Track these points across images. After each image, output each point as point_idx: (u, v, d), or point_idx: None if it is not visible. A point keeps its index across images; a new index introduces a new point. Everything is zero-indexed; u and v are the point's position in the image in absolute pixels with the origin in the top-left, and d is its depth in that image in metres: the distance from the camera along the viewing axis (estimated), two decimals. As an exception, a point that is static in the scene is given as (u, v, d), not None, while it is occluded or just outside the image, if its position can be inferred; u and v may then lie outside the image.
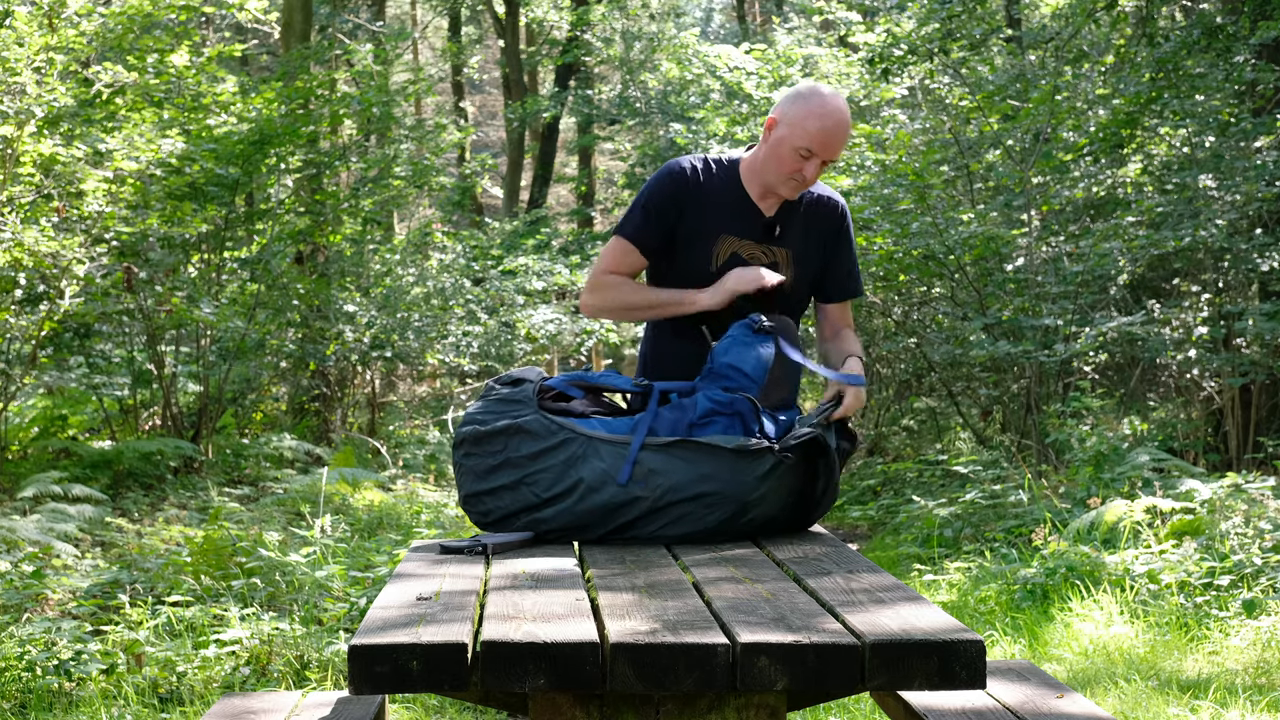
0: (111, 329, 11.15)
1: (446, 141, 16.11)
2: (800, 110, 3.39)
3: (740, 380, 3.23)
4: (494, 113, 33.03)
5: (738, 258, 3.47)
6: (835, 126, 3.38)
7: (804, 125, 3.37)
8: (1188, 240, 8.99)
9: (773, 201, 3.51)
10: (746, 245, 3.48)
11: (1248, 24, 9.52)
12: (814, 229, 3.55)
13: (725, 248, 3.48)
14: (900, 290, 11.77)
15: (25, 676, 5.06)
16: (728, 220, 3.48)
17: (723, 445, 3.09)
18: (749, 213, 3.49)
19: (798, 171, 3.40)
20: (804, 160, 3.39)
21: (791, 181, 3.42)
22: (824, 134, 3.37)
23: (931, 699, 3.28)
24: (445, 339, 14.65)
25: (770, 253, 3.50)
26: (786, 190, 3.45)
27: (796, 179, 3.41)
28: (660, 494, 3.09)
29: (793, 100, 3.43)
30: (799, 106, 3.39)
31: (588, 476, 3.11)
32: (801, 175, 3.40)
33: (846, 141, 3.46)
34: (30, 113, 8.85)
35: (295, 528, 8.01)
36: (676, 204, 3.48)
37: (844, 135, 3.41)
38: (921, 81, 12.25)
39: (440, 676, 2.21)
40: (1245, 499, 6.47)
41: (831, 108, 3.39)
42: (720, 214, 3.48)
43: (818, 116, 3.37)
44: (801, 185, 3.43)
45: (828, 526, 10.06)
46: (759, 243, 3.49)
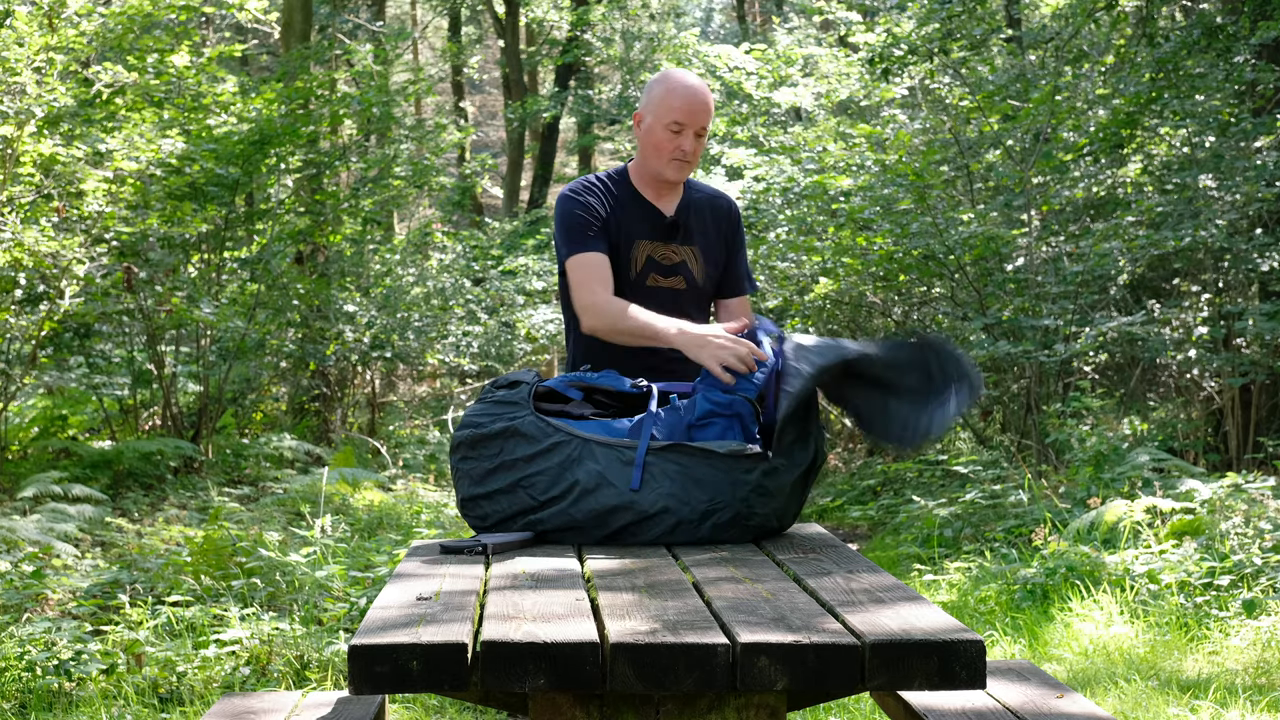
0: (111, 329, 11.16)
1: (446, 141, 16.12)
2: (659, 92, 3.57)
3: (741, 383, 3.24)
4: (494, 113, 33.04)
5: (653, 260, 3.60)
6: (694, 95, 3.55)
7: (667, 103, 3.54)
8: (1188, 240, 9.00)
9: (669, 200, 3.64)
10: (658, 247, 3.61)
11: (1248, 24, 9.52)
12: (713, 226, 3.69)
13: (640, 252, 3.60)
14: (900, 290, 11.78)
15: (25, 676, 5.06)
16: (637, 225, 3.60)
17: (717, 450, 3.09)
18: (652, 215, 3.63)
19: (677, 148, 3.54)
20: (677, 135, 3.53)
21: (674, 161, 3.56)
22: (686, 104, 3.53)
23: (931, 699, 3.28)
24: (445, 339, 14.65)
25: (678, 251, 3.63)
26: (672, 172, 3.57)
27: (678, 156, 3.55)
28: (655, 499, 3.09)
29: (649, 89, 3.62)
30: (656, 90, 3.59)
31: (583, 479, 3.12)
32: (680, 150, 3.54)
33: (710, 109, 3.58)
34: (30, 113, 8.85)
35: (295, 528, 8.01)
36: (598, 212, 3.58)
37: (704, 101, 3.56)
38: (921, 81, 12.25)
39: (440, 676, 2.21)
40: (1245, 499, 6.47)
41: (685, 79, 3.59)
42: (629, 221, 3.60)
43: (675, 92, 3.55)
44: (685, 161, 3.57)
45: (828, 526, 10.06)
46: (666, 243, 3.62)
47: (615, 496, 3.10)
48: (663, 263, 3.61)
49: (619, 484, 3.11)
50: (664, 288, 3.61)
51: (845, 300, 12.26)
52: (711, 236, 3.67)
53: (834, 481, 12.16)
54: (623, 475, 3.12)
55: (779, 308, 13.18)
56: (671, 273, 3.62)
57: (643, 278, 3.60)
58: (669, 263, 3.61)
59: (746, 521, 3.11)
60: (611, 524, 3.11)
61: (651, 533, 3.10)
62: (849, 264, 11.19)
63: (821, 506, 11.05)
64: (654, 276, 3.61)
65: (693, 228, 3.65)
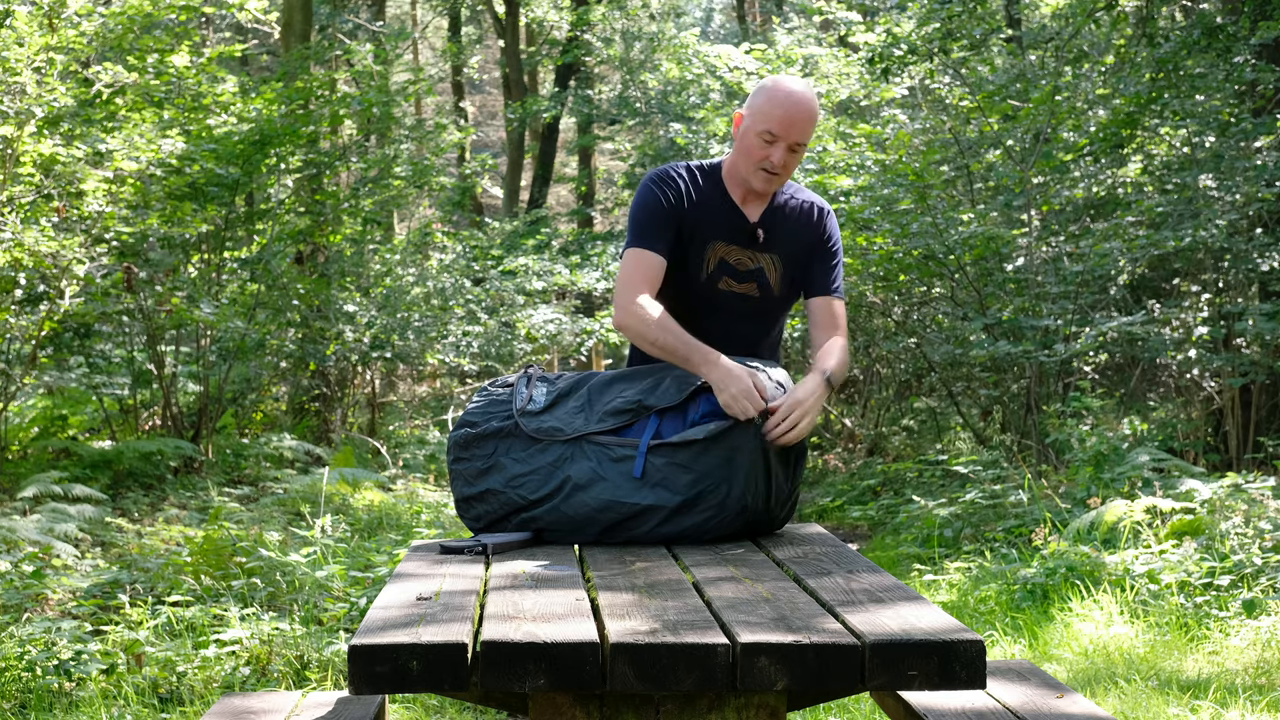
0: (111, 329, 11.15)
1: (446, 141, 16.11)
2: (762, 99, 3.42)
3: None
4: (494, 113, 33.03)
5: (725, 264, 3.47)
6: (794, 107, 3.39)
7: (765, 111, 3.39)
8: (1188, 240, 8.99)
9: (756, 205, 3.51)
10: (734, 251, 3.48)
11: (1248, 24, 9.52)
12: (799, 234, 3.53)
13: (715, 254, 3.48)
14: (900, 290, 11.77)
15: (25, 676, 5.06)
16: (716, 226, 3.47)
17: (697, 437, 3.11)
18: (734, 218, 3.49)
19: (765, 159, 3.40)
20: (769, 145, 3.39)
21: (761, 171, 3.42)
22: (785, 115, 3.38)
23: (931, 699, 3.28)
24: (445, 339, 14.64)
25: (755, 258, 3.49)
26: (759, 182, 3.43)
27: (765, 166, 3.41)
28: (645, 494, 3.10)
29: (756, 92, 3.47)
30: (761, 96, 3.43)
31: (575, 475, 3.14)
32: (769, 162, 3.40)
33: (811, 123, 3.42)
34: (30, 113, 8.85)
35: (295, 528, 8.01)
36: (684, 210, 3.47)
37: (806, 115, 3.40)
38: (921, 81, 12.25)
39: (440, 676, 2.21)
40: (1245, 499, 6.47)
41: (791, 90, 3.42)
42: (709, 220, 3.47)
43: (778, 102, 3.39)
44: (772, 173, 3.42)
45: (828, 526, 10.06)
46: (745, 248, 3.49)
47: (609, 491, 3.11)
48: (738, 268, 3.48)
49: (612, 479, 3.12)
50: (736, 293, 3.49)
51: (845, 300, 12.25)
52: (796, 245, 3.52)
53: (834, 481, 12.16)
54: (615, 471, 3.13)
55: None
56: (746, 279, 3.49)
57: (714, 280, 3.48)
58: (744, 268, 3.48)
59: (729, 500, 3.10)
60: (604, 520, 3.12)
61: (646, 526, 3.11)
62: (849, 264, 11.19)
63: (821, 506, 11.05)
64: (727, 280, 3.48)
65: (777, 235, 3.50)
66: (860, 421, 13.90)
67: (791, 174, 3.47)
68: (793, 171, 3.46)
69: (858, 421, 13.91)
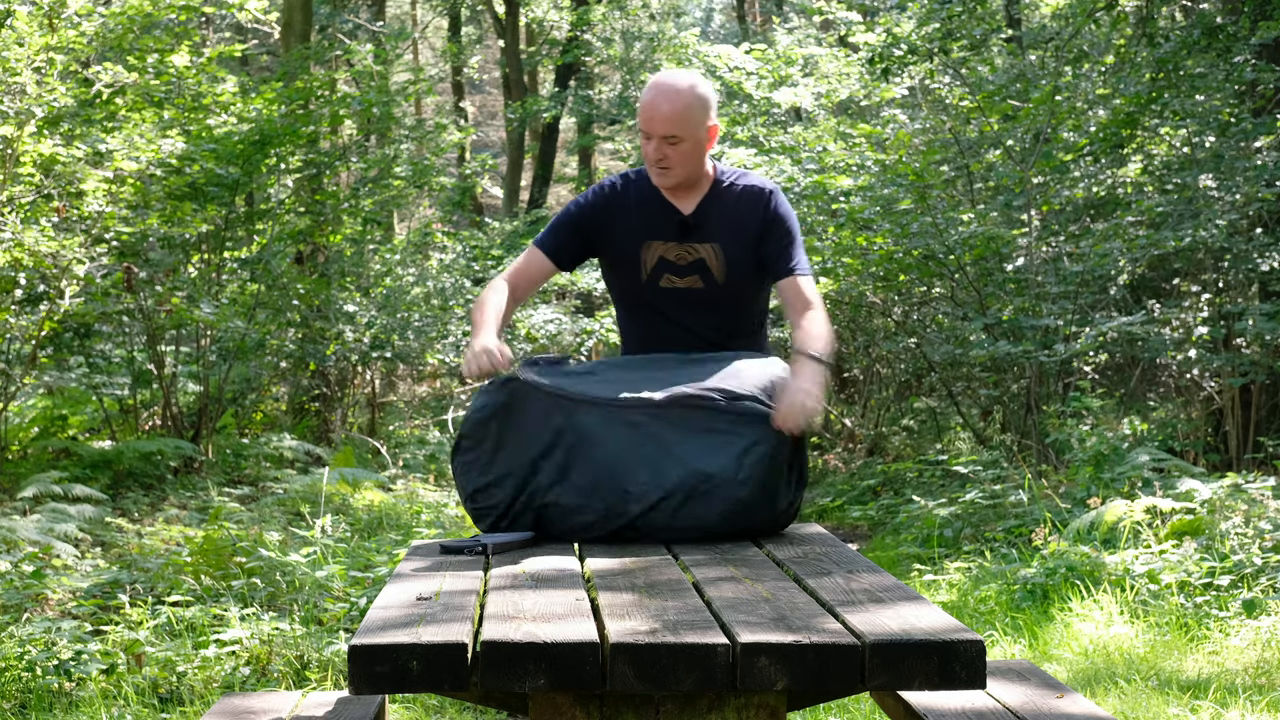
0: (111, 329, 11.15)
1: (446, 141, 16.10)
2: (640, 102, 3.51)
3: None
4: (494, 113, 33.02)
5: (665, 261, 3.53)
6: (652, 104, 3.45)
7: (639, 110, 3.49)
8: (1188, 240, 8.99)
9: (690, 199, 3.54)
10: (671, 247, 3.53)
11: (1248, 24, 9.52)
12: (739, 220, 3.54)
13: (651, 255, 3.54)
14: (900, 290, 11.78)
15: (25, 676, 5.06)
16: (648, 227, 3.54)
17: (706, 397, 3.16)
18: (667, 215, 3.53)
19: (649, 156, 3.47)
20: (648, 142, 3.46)
21: (656, 169, 3.49)
22: (646, 113, 3.45)
23: (931, 699, 3.28)
24: (445, 339, 14.64)
25: (693, 250, 3.52)
26: (659, 179, 3.50)
27: (658, 165, 3.47)
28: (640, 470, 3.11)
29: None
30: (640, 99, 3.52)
31: (585, 426, 3.17)
32: (651, 158, 3.46)
33: (676, 115, 3.42)
34: (30, 113, 8.85)
35: (295, 528, 8.01)
36: (597, 224, 3.57)
37: (667, 110, 3.43)
38: (921, 81, 12.25)
39: (440, 676, 2.21)
40: (1245, 499, 6.47)
41: (653, 86, 3.48)
42: (643, 223, 3.54)
43: (643, 102, 3.48)
44: (666, 169, 3.47)
45: (828, 526, 10.06)
46: (680, 243, 3.53)
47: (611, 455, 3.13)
48: (677, 262, 3.52)
49: (613, 440, 3.14)
50: (679, 288, 3.53)
51: (845, 300, 12.26)
52: (739, 232, 3.52)
53: (834, 481, 12.16)
54: (618, 434, 3.15)
55: (779, 308, 13.17)
56: (687, 272, 3.52)
57: (655, 279, 3.54)
58: (684, 262, 3.52)
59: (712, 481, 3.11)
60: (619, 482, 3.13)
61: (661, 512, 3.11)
62: (849, 264, 11.19)
63: (821, 506, 11.05)
64: (668, 277, 3.53)
65: (714, 224, 3.52)
66: (860, 421, 13.90)
67: (688, 166, 3.48)
68: (688, 163, 3.48)
69: (858, 421, 13.91)
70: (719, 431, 3.15)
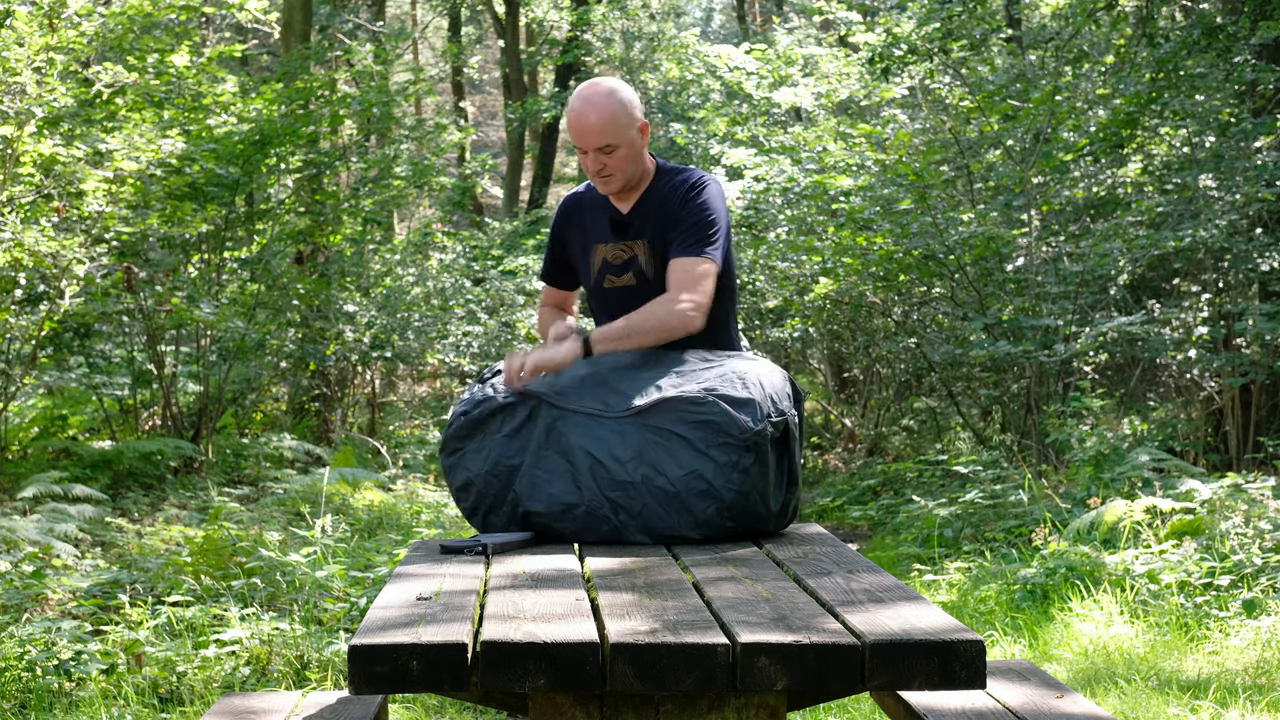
0: (111, 329, 11.15)
1: (447, 141, 16.10)
2: (567, 119, 3.58)
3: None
4: (494, 113, 33.02)
5: (606, 263, 3.60)
6: (579, 118, 3.48)
7: (570, 129, 3.53)
8: (1188, 240, 8.99)
9: (628, 199, 3.59)
10: (610, 248, 3.60)
11: (1248, 24, 9.52)
12: (662, 210, 3.56)
13: (597, 257, 3.62)
14: (900, 290, 11.78)
15: (25, 676, 5.06)
16: (595, 230, 3.62)
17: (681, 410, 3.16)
18: (606, 217, 3.60)
19: (590, 169, 3.50)
20: (585, 156, 3.49)
21: (598, 179, 3.53)
22: (575, 128, 3.48)
23: (931, 699, 3.28)
24: (445, 339, 14.65)
25: (628, 248, 3.58)
26: (604, 188, 3.55)
27: (599, 176, 3.51)
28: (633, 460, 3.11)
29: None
30: (567, 116, 3.59)
31: (564, 430, 3.18)
32: (594, 170, 3.50)
33: (602, 126, 3.43)
34: (30, 113, 8.85)
35: (295, 528, 8.01)
36: (562, 235, 3.70)
37: (593, 123, 3.45)
38: (921, 81, 12.25)
39: (440, 676, 2.21)
40: (1245, 499, 6.47)
41: (575, 100, 3.50)
42: (590, 227, 3.63)
43: (570, 116, 3.53)
44: (607, 179, 3.51)
45: (828, 526, 10.07)
46: (617, 243, 3.59)
47: (598, 455, 3.13)
48: (614, 263, 3.59)
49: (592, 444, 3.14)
50: (618, 287, 3.59)
51: (845, 300, 12.26)
52: (661, 224, 3.53)
53: (834, 481, 12.16)
54: (604, 436, 3.15)
55: (779, 308, 13.18)
56: (623, 271, 3.58)
57: (600, 281, 3.62)
58: (619, 261, 3.58)
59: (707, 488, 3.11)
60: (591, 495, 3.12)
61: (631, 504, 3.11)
62: (849, 264, 11.19)
63: (821, 506, 11.06)
64: (609, 278, 3.60)
65: (645, 221, 3.56)
66: (860, 421, 13.90)
67: (628, 169, 3.49)
68: (627, 167, 3.49)
69: (858, 421, 13.91)
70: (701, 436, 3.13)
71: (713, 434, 3.11)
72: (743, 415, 3.12)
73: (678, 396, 3.15)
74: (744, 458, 3.10)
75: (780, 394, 3.24)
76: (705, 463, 3.10)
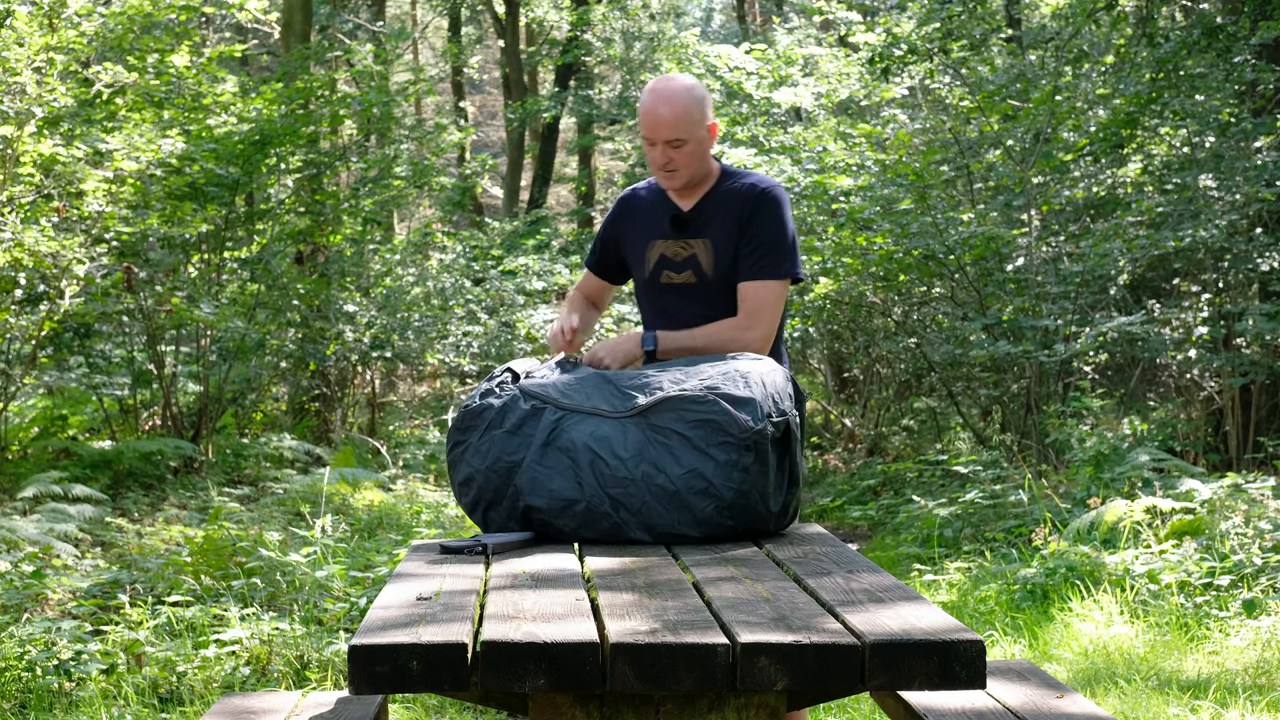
0: (111, 329, 11.15)
1: (447, 141, 16.10)
2: (640, 110, 3.62)
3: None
4: (494, 113, 33.02)
5: (664, 259, 3.66)
6: (652, 111, 3.56)
7: (640, 119, 3.60)
8: (1188, 240, 8.99)
9: (692, 197, 3.67)
10: (668, 245, 3.66)
11: (1248, 24, 9.52)
12: (729, 214, 3.62)
13: (654, 253, 3.68)
14: (900, 290, 11.78)
15: (25, 676, 5.06)
16: (652, 226, 3.69)
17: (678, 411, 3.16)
18: (666, 213, 3.67)
19: (654, 162, 3.58)
20: (653, 148, 3.57)
21: (663, 174, 3.61)
22: (647, 120, 3.56)
23: (931, 699, 3.28)
24: (445, 339, 14.65)
25: (688, 245, 3.64)
26: (667, 182, 3.63)
27: (664, 170, 3.59)
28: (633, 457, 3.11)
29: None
30: (640, 108, 3.63)
31: (567, 429, 3.18)
32: (660, 164, 3.57)
33: (676, 119, 3.52)
34: (30, 113, 8.85)
35: (295, 528, 8.01)
36: (616, 230, 3.77)
37: (667, 115, 3.53)
38: (921, 81, 12.25)
39: (440, 676, 2.21)
40: (1245, 499, 6.47)
41: (649, 93, 3.59)
42: (647, 223, 3.69)
43: (643, 109, 3.59)
44: (672, 173, 3.59)
45: (828, 526, 10.07)
46: (677, 240, 3.66)
47: (600, 453, 3.13)
48: (673, 259, 3.64)
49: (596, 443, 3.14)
50: (675, 284, 3.64)
51: (845, 300, 12.26)
52: (726, 227, 3.61)
53: (834, 481, 12.16)
54: (606, 434, 3.14)
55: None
56: (683, 268, 3.63)
57: (656, 275, 3.67)
58: (679, 258, 3.64)
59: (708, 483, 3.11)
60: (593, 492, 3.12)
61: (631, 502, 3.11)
62: (849, 264, 11.19)
63: (821, 506, 11.05)
64: (666, 274, 3.65)
65: (707, 220, 3.63)
66: (860, 421, 13.90)
67: (693, 166, 3.58)
68: (693, 163, 3.58)
69: (858, 421, 13.91)
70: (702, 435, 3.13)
71: (713, 433, 3.11)
72: (743, 414, 3.11)
73: (679, 395, 3.15)
74: (744, 456, 3.09)
75: (782, 394, 3.23)
76: (705, 461, 3.09)
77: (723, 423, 3.11)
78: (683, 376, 3.23)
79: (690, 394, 3.15)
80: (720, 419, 3.11)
